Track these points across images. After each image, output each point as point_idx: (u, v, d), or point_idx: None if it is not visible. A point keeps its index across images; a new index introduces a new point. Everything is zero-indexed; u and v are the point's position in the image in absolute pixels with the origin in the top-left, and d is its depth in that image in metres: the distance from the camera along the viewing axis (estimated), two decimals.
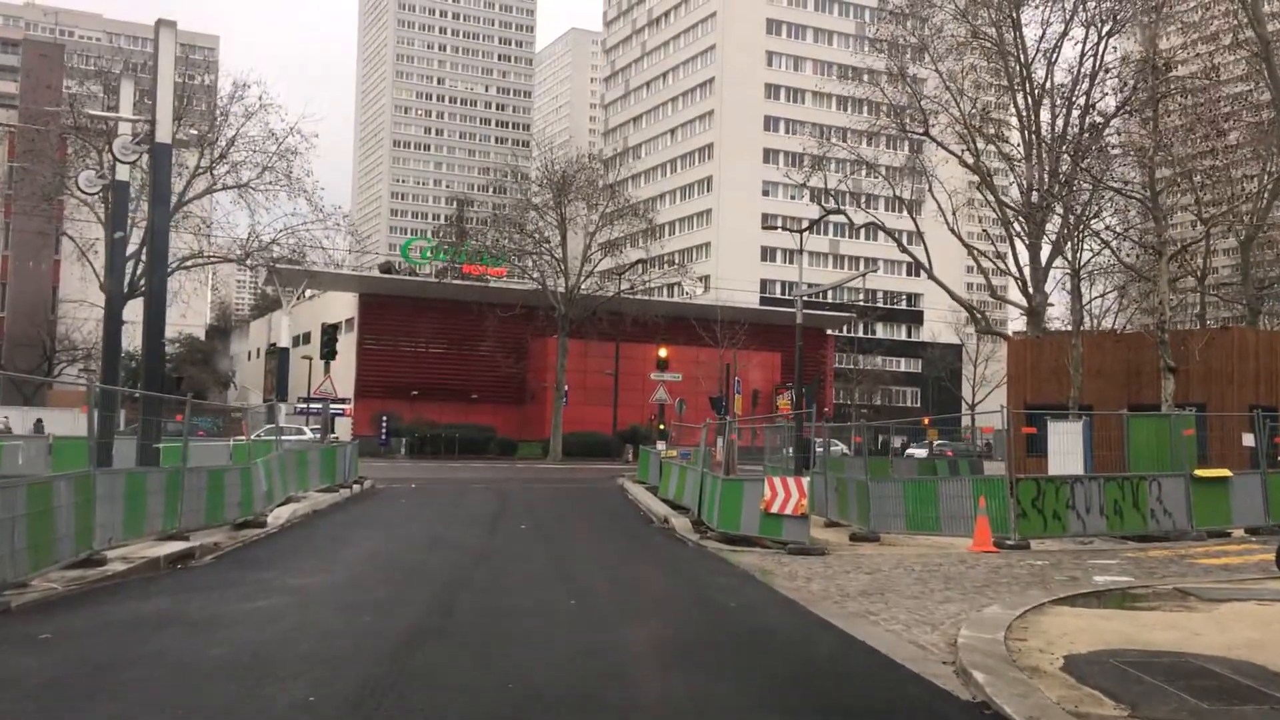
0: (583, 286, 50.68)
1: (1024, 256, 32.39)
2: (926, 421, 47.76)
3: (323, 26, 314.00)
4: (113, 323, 20.48)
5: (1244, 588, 10.92)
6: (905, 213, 35.54)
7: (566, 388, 52.64)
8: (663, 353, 43.34)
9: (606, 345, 53.76)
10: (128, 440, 19.25)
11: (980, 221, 45.35)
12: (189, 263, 39.31)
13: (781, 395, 55.93)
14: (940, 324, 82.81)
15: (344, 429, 51.65)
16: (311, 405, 40.70)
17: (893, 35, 35.17)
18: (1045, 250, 31.53)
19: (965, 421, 59.74)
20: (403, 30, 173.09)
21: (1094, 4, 30.66)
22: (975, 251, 36.15)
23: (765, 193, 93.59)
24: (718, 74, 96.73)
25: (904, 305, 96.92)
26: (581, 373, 56.96)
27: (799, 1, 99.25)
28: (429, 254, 65.58)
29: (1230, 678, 6.73)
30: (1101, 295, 38.33)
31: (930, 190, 34.88)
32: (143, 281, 24.92)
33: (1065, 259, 29.80)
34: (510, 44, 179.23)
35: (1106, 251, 33.30)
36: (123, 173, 19.90)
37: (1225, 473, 16.70)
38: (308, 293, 59.23)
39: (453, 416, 57.40)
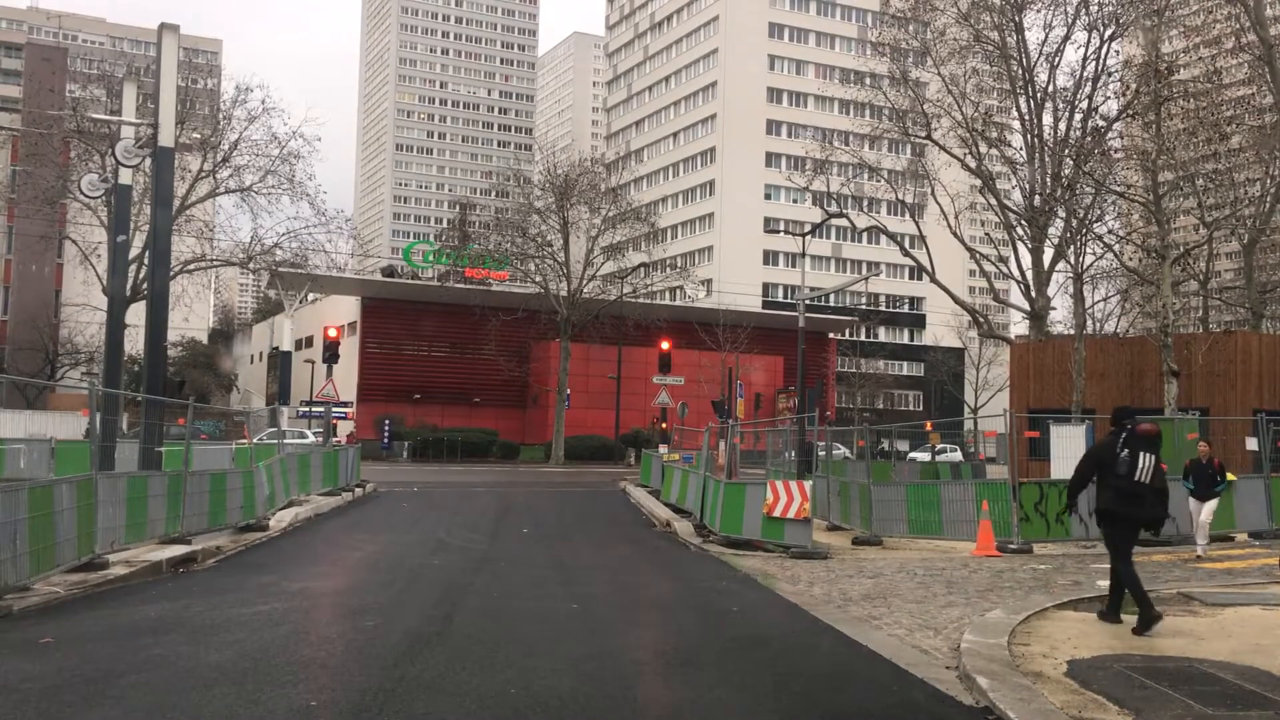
0: (585, 290, 50.69)
1: (1026, 260, 32.42)
2: (929, 425, 47.70)
3: (325, 31, 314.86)
4: (115, 326, 20.49)
5: (1248, 592, 10.89)
6: (907, 216, 35.57)
7: (569, 391, 52.65)
8: (665, 345, 43.23)
9: (609, 349, 53.78)
10: (130, 444, 19.26)
11: (982, 225, 45.35)
12: (191, 266, 39.41)
13: (784, 399, 55.88)
14: (942, 327, 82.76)
15: (346, 432, 51.64)
16: (314, 409, 40.71)
17: (895, 39, 35.21)
18: (1048, 254, 31.53)
19: (968, 425, 59.70)
20: (405, 34, 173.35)
21: (1096, 8, 30.71)
22: (978, 255, 36.16)
23: (767, 196, 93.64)
24: (720, 78, 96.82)
25: (906, 309, 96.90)
26: (584, 376, 56.98)
27: (801, 5, 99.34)
28: (431, 257, 65.64)
29: (1234, 683, 6.71)
30: (1104, 299, 38.41)
31: (932, 194, 34.90)
32: (145, 285, 24.94)
33: (1068, 262, 29.81)
34: (512, 48, 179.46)
35: (1109, 255, 33.32)
36: (125, 176, 19.91)
37: (1229, 477, 16.65)
38: (310, 296, 59.29)
39: (455, 420, 57.45)
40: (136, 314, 25.75)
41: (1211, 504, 14.60)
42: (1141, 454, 8.58)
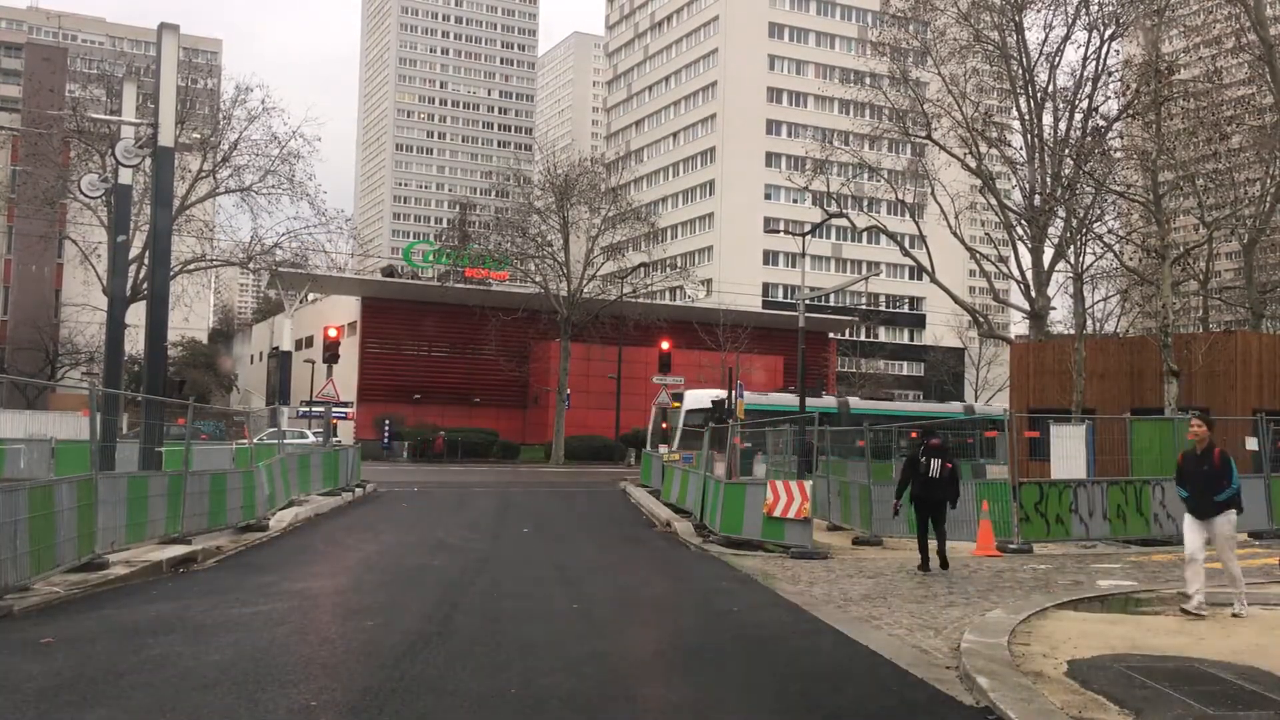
0: (585, 290, 50.68)
1: (1026, 260, 32.40)
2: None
3: (325, 31, 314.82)
4: (115, 326, 20.47)
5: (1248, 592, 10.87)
6: (908, 216, 35.55)
7: (569, 391, 52.64)
8: (665, 345, 43.13)
9: (609, 349, 53.77)
10: (130, 444, 19.24)
11: (983, 225, 45.33)
12: (191, 266, 39.43)
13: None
14: (942, 327, 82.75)
15: (346, 432, 51.63)
16: (314, 409, 40.67)
17: (895, 39, 35.19)
18: (1048, 254, 31.52)
19: None
20: (405, 34, 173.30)
21: (1096, 8, 30.70)
22: (978, 255, 36.14)
23: (767, 196, 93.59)
24: (720, 77, 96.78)
25: (906, 309, 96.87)
26: (584, 376, 56.95)
27: (801, 5, 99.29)
28: (431, 257, 65.64)
29: (1235, 683, 6.70)
30: (1104, 299, 38.37)
31: (932, 194, 34.87)
32: (145, 285, 24.93)
33: (1068, 262, 29.78)
34: (512, 48, 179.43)
35: (1109, 255, 33.28)
36: (125, 176, 19.90)
37: None
38: (310, 296, 59.29)
39: (455, 420, 57.42)
40: (136, 314, 25.73)
41: (1221, 524, 9.47)
42: (932, 460, 12.96)
